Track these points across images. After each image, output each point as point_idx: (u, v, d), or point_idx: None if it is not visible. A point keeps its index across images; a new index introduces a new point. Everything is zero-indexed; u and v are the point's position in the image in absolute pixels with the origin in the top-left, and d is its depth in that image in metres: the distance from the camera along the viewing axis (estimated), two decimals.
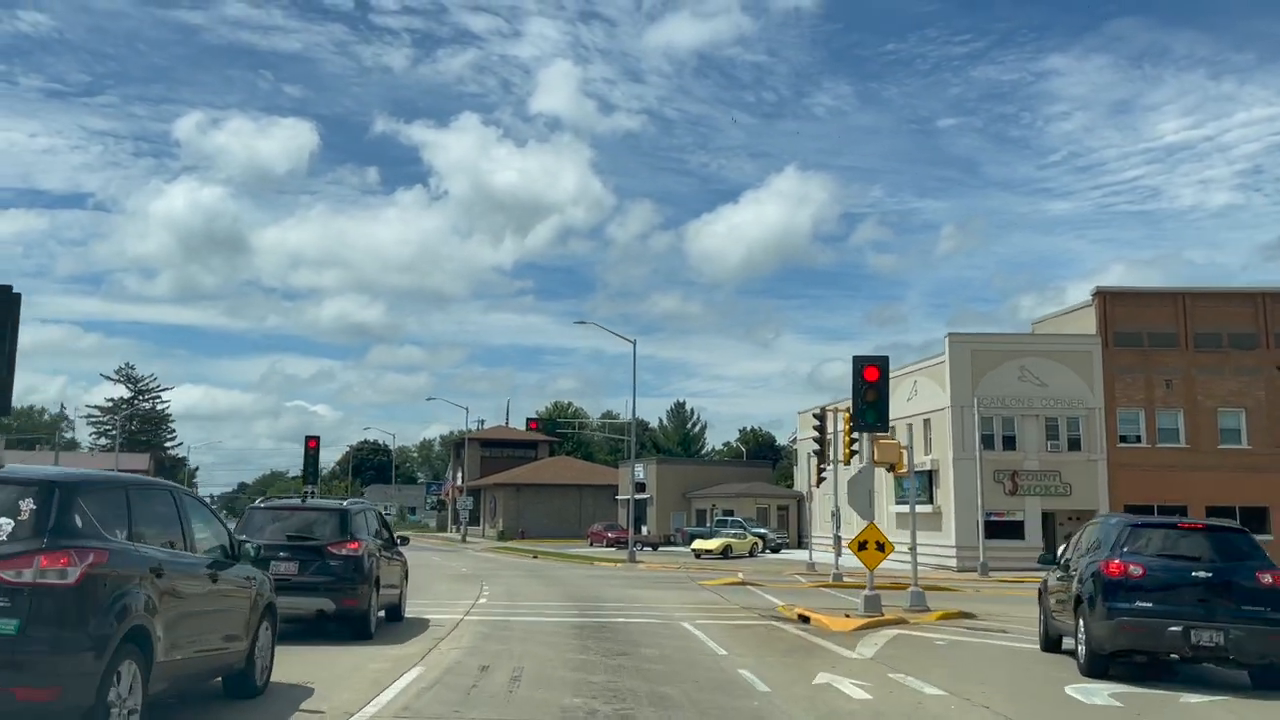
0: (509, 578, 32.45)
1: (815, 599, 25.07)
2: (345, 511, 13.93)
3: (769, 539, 55.97)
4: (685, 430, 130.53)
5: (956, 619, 20.53)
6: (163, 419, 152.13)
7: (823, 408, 35.59)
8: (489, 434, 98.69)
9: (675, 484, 69.46)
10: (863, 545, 19.39)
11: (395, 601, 16.16)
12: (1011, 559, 42.02)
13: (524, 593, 25.10)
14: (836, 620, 18.07)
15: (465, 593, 24.27)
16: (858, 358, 19.57)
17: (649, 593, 25.89)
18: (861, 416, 19.44)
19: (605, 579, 32.79)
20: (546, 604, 21.47)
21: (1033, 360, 44.18)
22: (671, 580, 32.81)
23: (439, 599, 22.01)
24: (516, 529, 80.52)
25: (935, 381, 45.66)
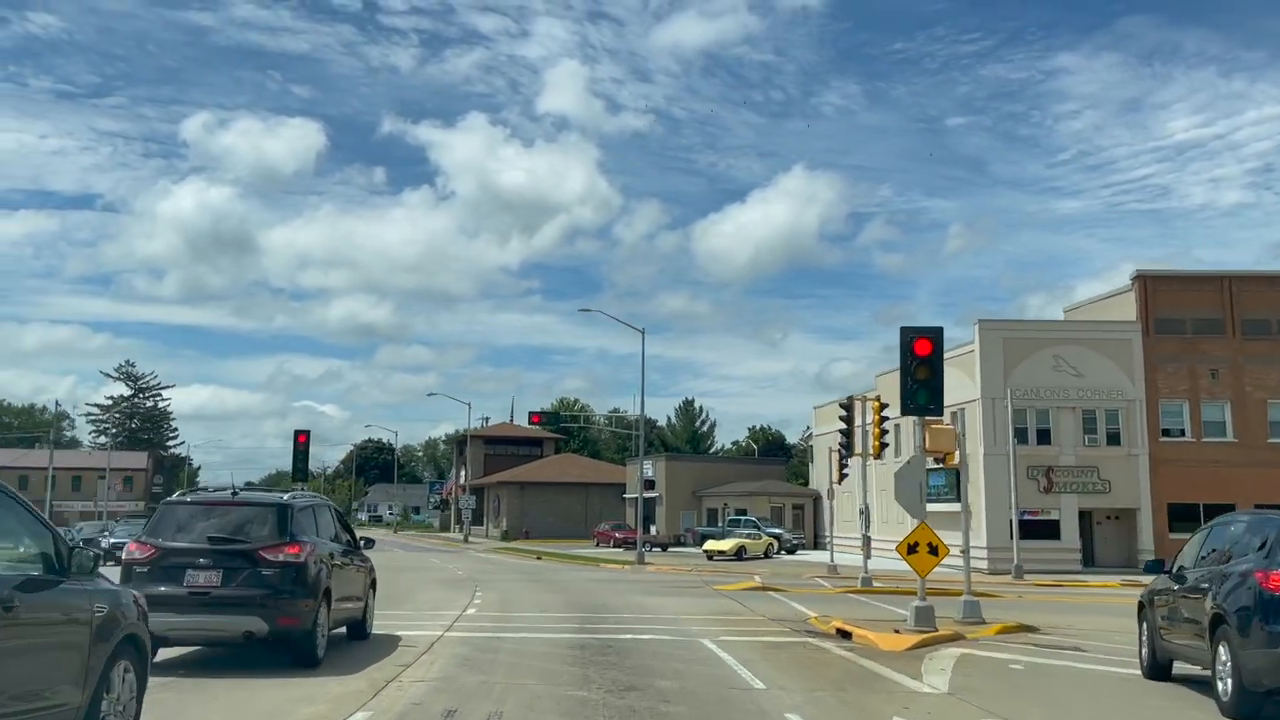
0: (506, 582, 29.75)
1: (848, 608, 22.29)
2: (285, 507, 11.14)
3: (784, 539, 53.19)
4: (694, 428, 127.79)
5: (1018, 633, 17.76)
6: (163, 417, 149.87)
7: (850, 397, 32.84)
8: (493, 431, 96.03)
9: (685, 482, 66.69)
10: (913, 548, 16.63)
11: (358, 616, 13.42)
12: (1046, 560, 39.25)
13: (520, 601, 22.35)
14: (885, 637, 15.30)
15: (453, 601, 21.53)
16: (906, 329, 16.81)
17: (660, 600, 23.14)
18: (912, 397, 16.69)
19: (612, 583, 30.06)
20: (544, 615, 18.73)
21: (1068, 349, 41.32)
22: (684, 584, 30.08)
23: (420, 609, 19.27)
24: (520, 529, 77.83)
25: (964, 371, 42.78)
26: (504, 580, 30.77)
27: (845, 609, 21.83)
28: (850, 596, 26.56)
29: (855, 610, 21.60)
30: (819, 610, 21.09)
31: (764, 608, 21.59)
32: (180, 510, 11.12)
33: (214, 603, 10.18)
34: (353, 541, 13.47)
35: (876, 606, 23.03)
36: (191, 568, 10.32)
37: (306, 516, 11.43)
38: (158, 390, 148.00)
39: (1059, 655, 14.56)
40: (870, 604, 23.91)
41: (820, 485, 61.09)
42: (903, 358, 16.74)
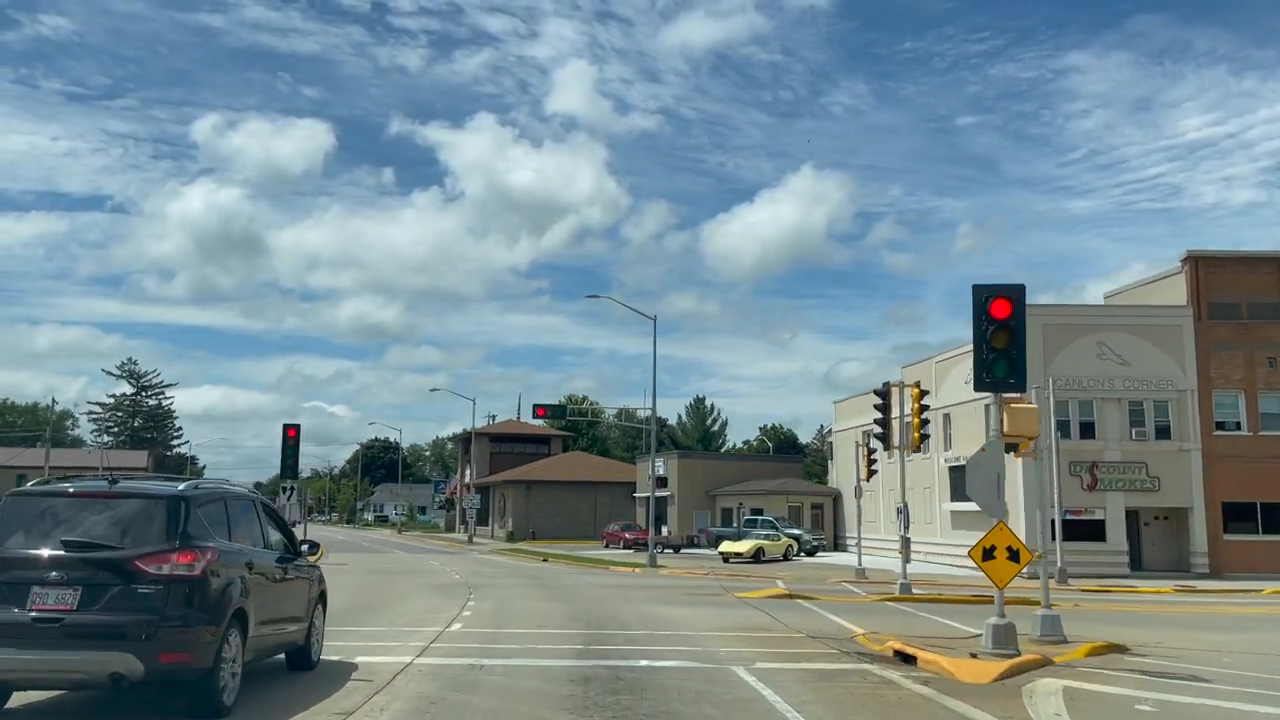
0: (506, 588, 26.88)
1: (894, 621, 19.36)
2: (178, 500, 8.14)
3: (804, 541, 50.20)
4: (705, 427, 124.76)
5: (1109, 654, 14.83)
6: (167, 416, 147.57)
7: (886, 384, 29.90)
8: (499, 429, 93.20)
9: (698, 480, 63.71)
10: (989, 553, 13.71)
11: (298, 641, 10.53)
12: (1091, 564, 36.29)
13: (517, 612, 19.45)
14: (962, 664, 12.37)
15: (439, 613, 18.65)
16: (980, 287, 13.89)
17: (678, 611, 20.23)
18: (988, 369, 13.78)
19: (622, 589, 27.18)
20: (542, 631, 15.82)
21: (1114, 335, 38.30)
22: (701, 591, 27.17)
23: (397, 624, 16.40)
24: (527, 529, 74.98)
25: None
26: (503, 586, 27.92)
27: (892, 622, 18.92)
28: (889, 606, 23.62)
29: (904, 624, 18.67)
30: (861, 623, 18.18)
31: (797, 620, 18.67)
32: (29, 505, 8.10)
33: (68, 633, 7.29)
34: (291, 546, 10.58)
35: (926, 619, 20.09)
36: (39, 584, 7.44)
37: (213, 513, 8.49)
38: (160, 389, 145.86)
39: (1182, 688, 11.62)
40: (916, 615, 20.97)
41: (840, 484, 58.15)
42: (976, 322, 13.83)
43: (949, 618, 20.41)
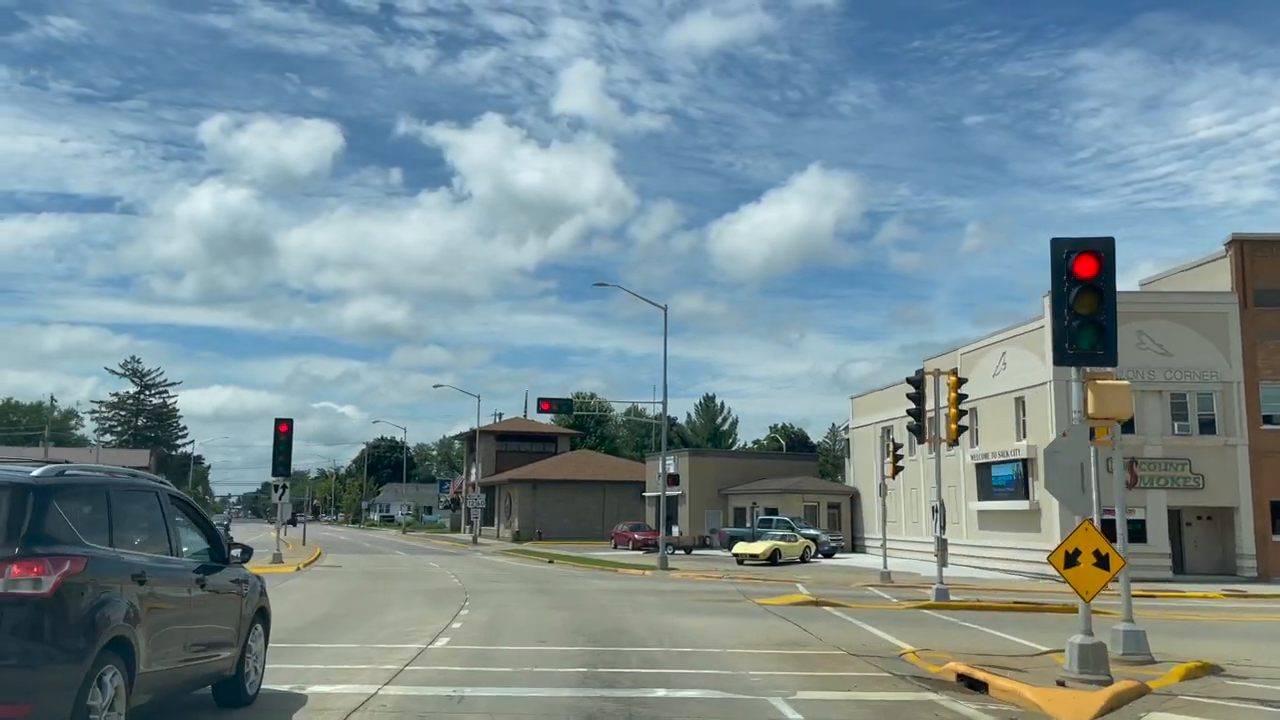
0: (506, 594, 24.72)
1: (940, 633, 17.14)
2: (23, 490, 5.94)
3: (821, 541, 47.91)
4: (715, 426, 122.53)
5: (1204, 676, 12.66)
6: (170, 414, 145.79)
7: (921, 371, 27.63)
8: (505, 427, 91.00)
9: (709, 479, 61.48)
10: (1072, 558, 11.55)
11: (227, 671, 8.36)
12: (1131, 567, 33.75)
13: (514, 623, 17.27)
14: (1051, 694, 10.16)
15: (425, 625, 16.49)
16: (1060, 241, 11.71)
17: (697, 622, 18.04)
18: (1072, 339, 11.63)
19: (632, 595, 25.00)
20: (541, 649, 13.64)
21: (1154, 324, 35.97)
22: (718, 597, 24.97)
23: (373, 639, 14.24)
24: (533, 529, 72.84)
25: (1031, 351, 37.57)
26: (503, 591, 25.76)
27: (937, 634, 16.72)
28: (927, 615, 21.40)
29: (951, 637, 16.47)
30: (903, 636, 16.00)
31: (832, 633, 16.47)
32: None
33: None
34: (217, 552, 8.40)
35: (973, 630, 17.87)
36: None
37: (84, 509, 6.23)
38: (164, 387, 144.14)
39: None
40: (960, 625, 18.74)
41: (858, 482, 55.89)
42: (1055, 284, 11.65)
43: (997, 628, 18.21)
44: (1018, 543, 37.98)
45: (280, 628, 15.36)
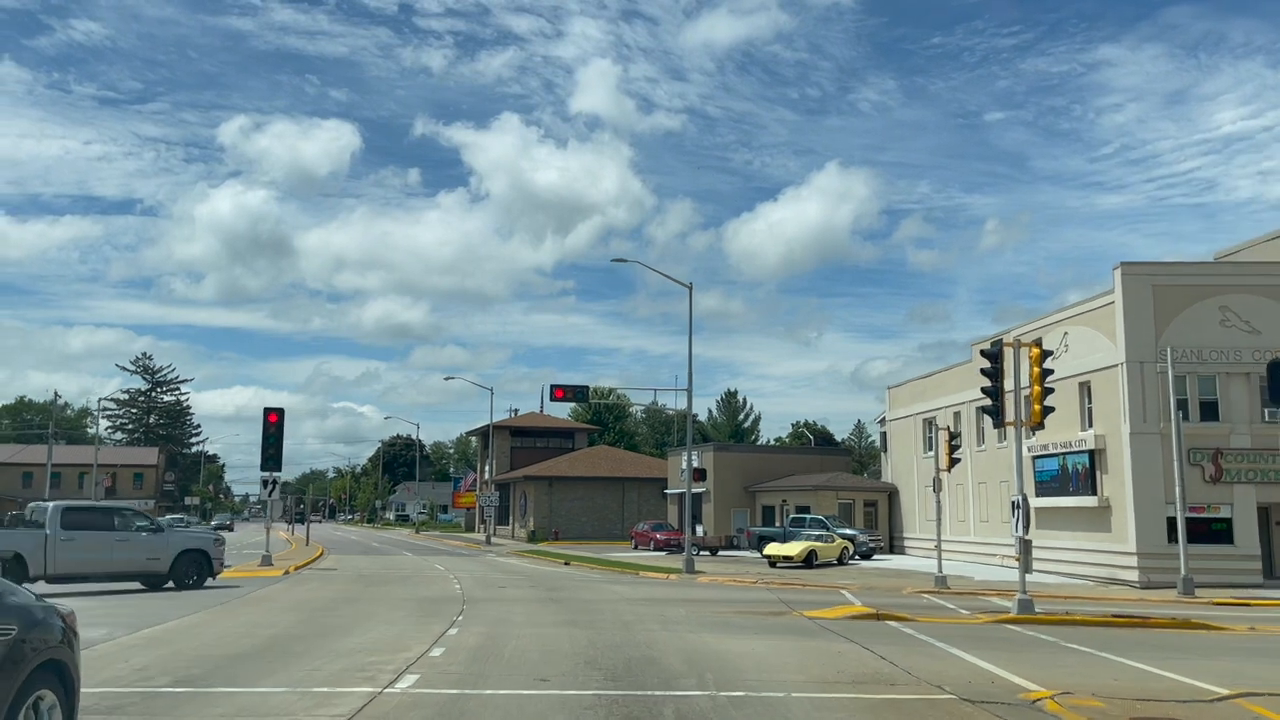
0: (510, 603, 21.15)
1: (1046, 658, 13.44)
2: None
3: (859, 542, 44.17)
4: (737, 422, 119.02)
5: None
6: (182, 412, 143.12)
7: (998, 341, 23.84)
8: (520, 422, 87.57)
9: (735, 476, 57.76)
10: None
11: None
12: (1214, 571, 30.19)
13: (511, 647, 13.65)
14: None
15: (396, 652, 12.92)
16: None
17: (741, 644, 14.40)
18: None
19: (658, 604, 21.39)
20: (539, 695, 10.04)
21: (1240, 298, 32.06)
22: (757, 607, 21.31)
23: (310, 680, 10.64)
24: (549, 528, 69.34)
25: (1098, 330, 33.71)
26: (508, 600, 22.19)
27: (1049, 663, 13.04)
28: (1015, 632, 17.70)
29: (1072, 667, 12.78)
30: (1010, 665, 12.35)
31: (919, 662, 12.78)
32: None
33: None
34: None
35: (1091, 656, 14.13)
36: None
37: None
38: (176, 384, 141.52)
39: None
40: (1069, 648, 15.01)
41: (896, 478, 52.05)
42: None
43: (1115, 652, 14.50)
44: (1083, 543, 34.13)
45: (201, 658, 11.82)
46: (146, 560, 24.83)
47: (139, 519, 25.91)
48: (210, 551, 25.90)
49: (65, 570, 23.49)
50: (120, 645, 13.23)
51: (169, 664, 11.41)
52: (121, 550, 24.47)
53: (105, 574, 24.15)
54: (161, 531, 25.92)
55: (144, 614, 17.84)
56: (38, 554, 22.99)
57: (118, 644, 13.39)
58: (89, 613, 18.20)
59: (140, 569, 24.79)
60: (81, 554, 23.73)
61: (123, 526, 24.88)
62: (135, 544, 24.72)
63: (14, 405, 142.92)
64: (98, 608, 19.43)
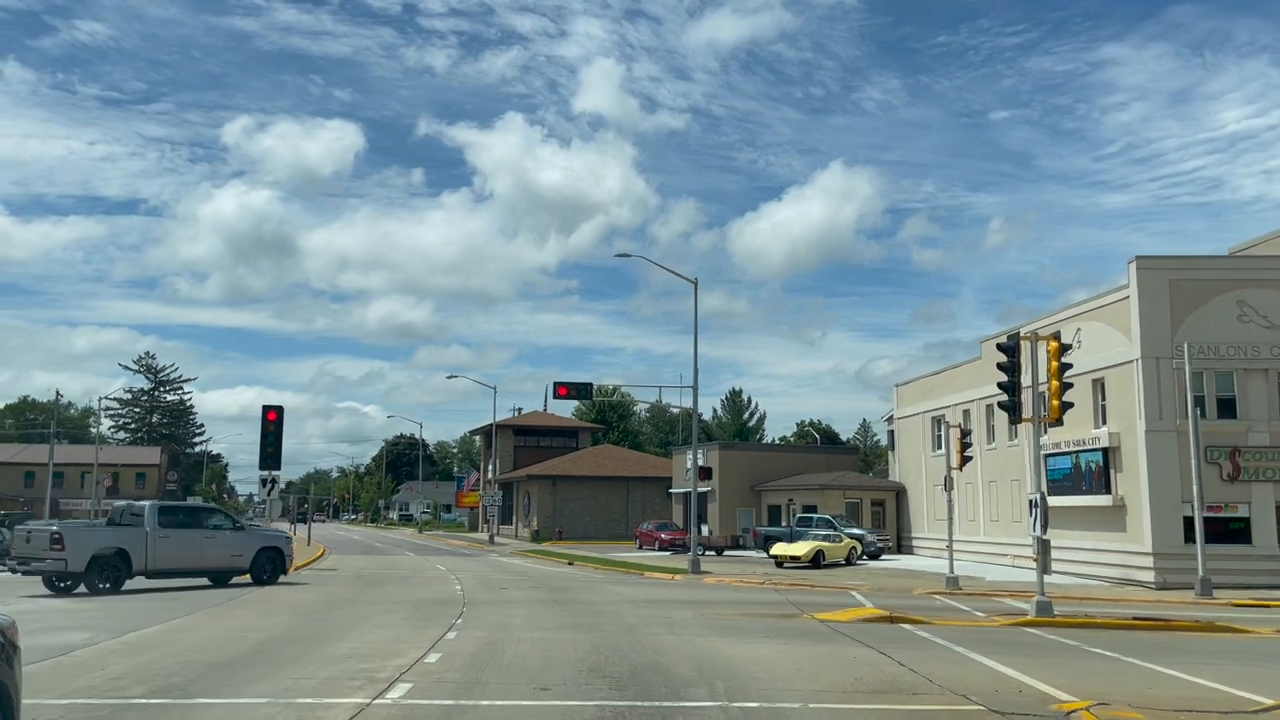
0: (512, 605, 20.53)
1: (1071, 664, 12.79)
2: None
3: (867, 542, 43.50)
4: (742, 421, 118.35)
5: None
6: (185, 411, 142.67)
7: (1016, 334, 23.12)
8: (523, 421, 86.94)
9: (740, 474, 57.08)
10: None
11: None
12: (1232, 571, 29.49)
13: (512, 653, 13.03)
14: None
15: (390, 658, 12.30)
16: None
17: (753, 649, 13.78)
18: None
19: (664, 606, 20.76)
20: (539, 706, 9.41)
21: (1258, 293, 31.39)
22: (766, 609, 20.67)
23: (298, 689, 10.01)
24: (553, 528, 68.72)
25: (1113, 325, 33.03)
26: (510, 601, 21.56)
27: (1074, 668, 12.41)
28: (1036, 636, 17.05)
29: (1102, 674, 12.13)
30: (1035, 672, 11.72)
31: (939, 669, 12.14)
32: None
33: None
34: None
35: (1118, 661, 13.49)
36: None
37: None
38: (179, 384, 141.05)
39: None
40: (1093, 653, 14.36)
41: (904, 477, 51.37)
42: None
43: (1142, 657, 13.85)
44: (1097, 543, 33.44)
45: (184, 664, 11.21)
46: (231, 557, 25.87)
47: (223, 518, 27.38)
48: (283, 549, 27.09)
49: (162, 566, 24.47)
50: (100, 651, 12.62)
51: (148, 671, 10.80)
52: (209, 547, 25.56)
53: (195, 570, 25.34)
54: (243, 530, 27.31)
55: (135, 616, 17.25)
56: (140, 550, 23.91)
57: (98, 649, 12.78)
58: (77, 615, 17.62)
59: (225, 565, 25.83)
60: (176, 550, 24.72)
61: (209, 525, 26.14)
62: (220, 541, 25.83)
63: (17, 405, 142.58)
64: (86, 610, 18.84)
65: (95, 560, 22.84)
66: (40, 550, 22.33)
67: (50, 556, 22.17)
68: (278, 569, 26.70)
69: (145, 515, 24.47)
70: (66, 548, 22.26)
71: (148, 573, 24.09)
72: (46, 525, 25.04)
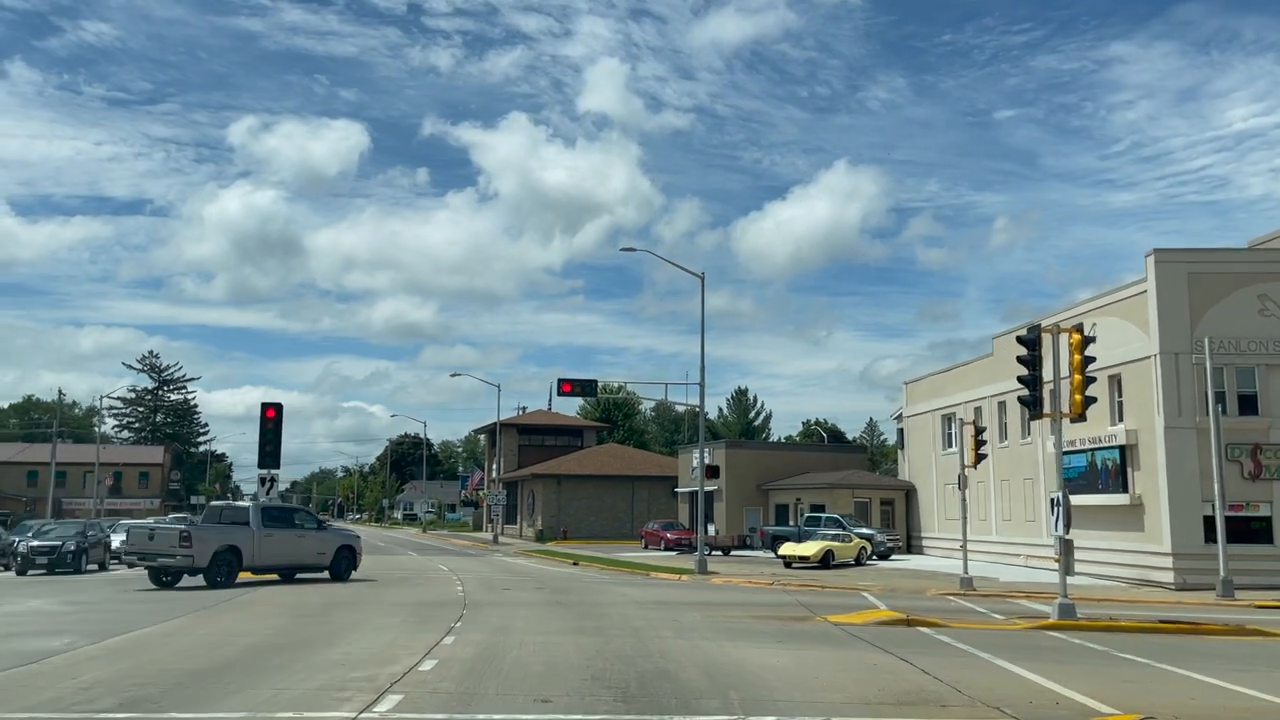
0: (514, 607, 19.84)
1: (1107, 672, 12.07)
2: None
3: (877, 541, 42.74)
4: (748, 420, 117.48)
5: None
6: (189, 411, 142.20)
7: (1036, 325, 22.35)
8: (528, 420, 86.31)
9: (747, 473, 56.32)
10: None
11: None
12: (1253, 572, 28.72)
13: (512, 659, 12.34)
14: None
15: (383, 665, 11.61)
16: None
17: (765, 654, 13.07)
18: None
19: (671, 608, 20.07)
20: (538, 716, 8.71)
21: (1278, 286, 30.61)
22: (776, 611, 19.95)
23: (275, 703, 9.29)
24: (558, 528, 68.06)
25: (1129, 320, 32.26)
26: (512, 603, 20.87)
27: (1106, 675, 11.70)
28: (1059, 640, 16.33)
29: (1139, 682, 11.41)
30: (1068, 680, 11.01)
31: (967, 677, 11.42)
32: None
33: None
34: None
35: (1151, 668, 12.76)
36: None
37: None
38: (182, 383, 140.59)
39: None
40: (1124, 659, 13.63)
41: (914, 476, 50.62)
42: None
43: (1171, 662, 13.14)
44: (1113, 543, 32.66)
45: (161, 672, 10.52)
46: (316, 555, 27.64)
47: (309, 518, 29.58)
48: (356, 547, 28.80)
49: (265, 562, 26.43)
50: (75, 658, 11.93)
51: (122, 681, 10.10)
52: (301, 545, 27.34)
53: (289, 566, 27.16)
54: (326, 529, 29.39)
55: (125, 618, 16.60)
56: (249, 548, 25.82)
57: (73, 656, 12.09)
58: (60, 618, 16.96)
59: (312, 562, 27.56)
60: (276, 548, 26.55)
61: (300, 524, 28.08)
62: (309, 540, 27.70)
63: (22, 404, 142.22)
64: (71, 612, 18.19)
65: (216, 556, 24.91)
66: (168, 547, 24.54)
67: (180, 553, 24.39)
68: (350, 565, 28.23)
69: (250, 515, 26.52)
70: (194, 545, 24.49)
71: (254, 568, 26.12)
72: (172, 525, 27.20)
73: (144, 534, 25.64)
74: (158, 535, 25.16)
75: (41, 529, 36.07)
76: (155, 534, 25.28)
